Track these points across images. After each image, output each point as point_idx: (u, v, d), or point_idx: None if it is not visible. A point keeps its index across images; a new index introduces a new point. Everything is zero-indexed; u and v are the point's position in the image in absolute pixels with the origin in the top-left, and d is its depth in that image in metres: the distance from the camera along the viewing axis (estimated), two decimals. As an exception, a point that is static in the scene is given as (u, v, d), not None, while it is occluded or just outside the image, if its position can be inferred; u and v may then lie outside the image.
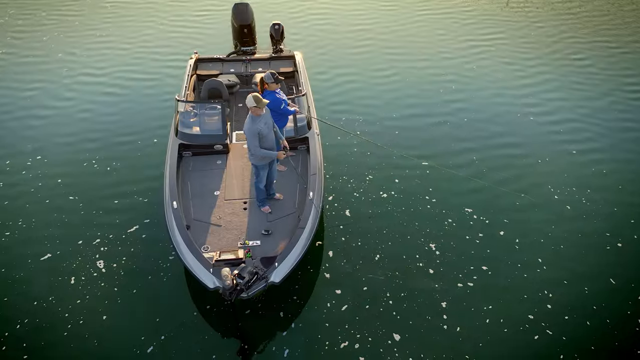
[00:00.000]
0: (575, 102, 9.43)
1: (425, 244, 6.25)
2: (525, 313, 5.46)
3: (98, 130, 8.42)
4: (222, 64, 8.68)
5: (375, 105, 9.14)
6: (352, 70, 10.32)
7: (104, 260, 5.98)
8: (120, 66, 10.46)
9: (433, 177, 7.37)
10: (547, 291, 5.71)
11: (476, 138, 8.32)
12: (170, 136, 6.77)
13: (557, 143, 8.23)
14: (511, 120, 8.84)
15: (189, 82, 7.70)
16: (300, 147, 6.77)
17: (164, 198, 5.79)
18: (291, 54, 8.88)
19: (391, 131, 8.43)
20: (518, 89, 9.82)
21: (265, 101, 5.30)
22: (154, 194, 6.97)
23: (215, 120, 6.63)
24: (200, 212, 5.77)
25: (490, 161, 7.78)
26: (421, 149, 7.99)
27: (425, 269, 5.92)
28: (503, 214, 6.75)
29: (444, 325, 5.31)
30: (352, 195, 7.02)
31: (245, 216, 5.72)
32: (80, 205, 6.81)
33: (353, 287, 5.66)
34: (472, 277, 5.84)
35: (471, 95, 9.54)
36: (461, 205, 6.86)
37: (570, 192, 7.17)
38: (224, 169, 6.41)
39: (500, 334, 5.24)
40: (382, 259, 6.03)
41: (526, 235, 6.44)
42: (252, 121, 5.32)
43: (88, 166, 7.60)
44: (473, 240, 6.32)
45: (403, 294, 5.61)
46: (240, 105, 8.04)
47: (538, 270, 5.98)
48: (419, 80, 10.04)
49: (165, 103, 9.19)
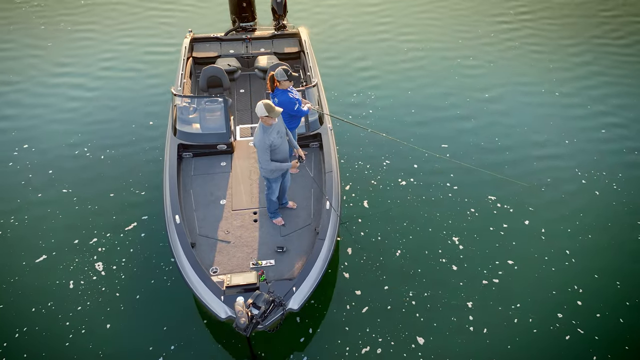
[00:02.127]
0: (602, 87, 8.86)
1: (447, 237, 5.87)
2: (554, 311, 5.16)
3: (91, 124, 7.81)
4: (219, 44, 7.84)
5: (391, 96, 8.36)
6: (364, 53, 9.36)
7: (103, 262, 5.57)
8: (111, 59, 9.64)
9: (453, 166, 6.91)
10: (577, 286, 5.40)
11: (500, 134, 7.80)
12: (168, 135, 6.03)
13: (583, 130, 7.74)
14: (532, 112, 8.29)
15: (184, 67, 6.94)
16: (312, 145, 6.09)
17: (164, 209, 5.16)
18: (296, 30, 8.05)
19: (408, 124, 7.83)
20: (538, 84, 9.19)
21: (278, 110, 4.56)
22: (150, 188, 6.48)
23: (218, 116, 5.90)
24: (205, 226, 5.13)
25: (513, 151, 7.31)
26: (442, 144, 7.47)
27: (449, 265, 5.57)
28: (527, 202, 6.35)
29: (469, 326, 5.01)
30: (369, 183, 6.57)
31: (255, 230, 5.08)
32: (74, 199, 6.33)
33: (374, 287, 5.32)
34: (497, 273, 5.51)
35: (494, 85, 8.90)
36: (483, 194, 6.44)
37: (600, 177, 6.74)
38: (230, 172, 5.72)
39: (529, 334, 4.96)
40: (403, 254, 5.66)
41: (552, 224, 6.07)
42: (263, 132, 4.60)
43: (80, 159, 7.06)
44: (497, 232, 5.95)
45: (426, 293, 5.28)
46: (242, 91, 7.33)
47: (566, 263, 5.65)
48: (441, 69, 8.98)
49: (159, 90, 8.53)
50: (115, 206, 6.23)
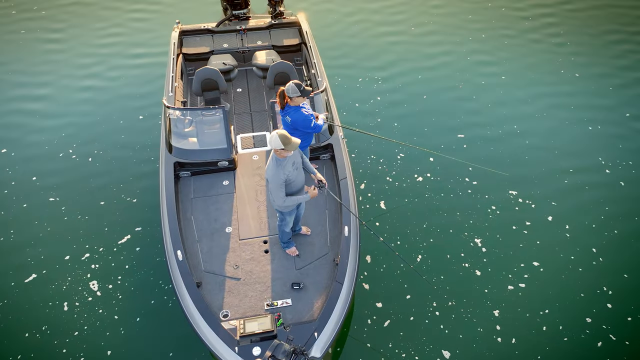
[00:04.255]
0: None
1: (469, 239, 5.52)
2: (583, 315, 4.90)
3: (76, 125, 7.16)
4: (211, 37, 7.01)
5: (406, 94, 7.77)
6: (370, 50, 8.50)
7: (98, 280, 5.11)
8: (96, 66, 8.80)
9: (470, 161, 6.50)
10: (606, 287, 5.13)
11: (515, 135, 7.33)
12: (162, 152, 5.31)
13: (605, 118, 7.33)
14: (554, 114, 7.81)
15: (174, 67, 6.11)
16: (323, 157, 5.46)
17: (163, 242, 4.56)
18: (295, 19, 7.23)
19: (420, 126, 7.34)
20: (556, 85, 8.65)
21: (296, 141, 3.85)
22: (142, 194, 5.95)
23: (217, 129, 5.25)
24: (211, 260, 4.54)
25: (534, 139, 6.90)
26: (457, 147, 7.01)
27: (472, 270, 5.24)
28: (549, 195, 6.00)
29: (497, 337, 4.73)
30: (384, 180, 6.13)
31: (267, 263, 4.50)
32: (62, 209, 5.79)
33: (395, 297, 4.98)
34: (523, 277, 5.20)
35: (513, 87, 8.37)
36: (504, 190, 6.06)
37: (626, 167, 6.38)
38: (234, 193, 5.09)
39: (559, 343, 4.70)
40: (424, 260, 5.30)
41: (577, 218, 5.74)
42: (276, 166, 3.92)
43: (66, 163, 6.47)
44: (520, 231, 5.61)
45: (450, 302, 4.96)
46: (240, 90, 6.58)
47: (593, 262, 5.36)
48: (462, 69, 8.18)
49: (145, 85, 7.84)
50: (107, 216, 5.72)
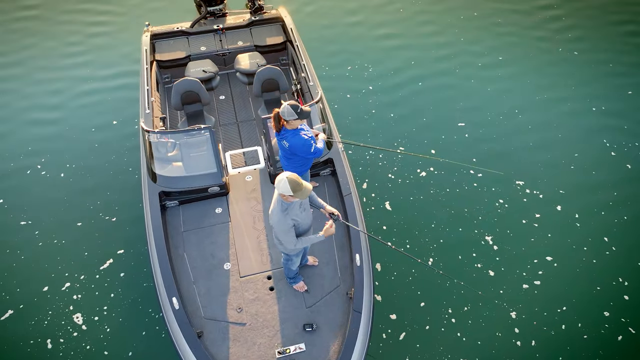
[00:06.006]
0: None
1: (480, 236, 5.25)
2: (601, 309, 4.73)
3: (47, 139, 6.50)
4: (187, 39, 6.29)
5: (404, 101, 7.18)
6: (359, 47, 7.58)
7: (82, 312, 4.63)
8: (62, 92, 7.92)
9: (475, 154, 6.18)
10: (621, 278, 4.96)
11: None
12: (144, 181, 4.69)
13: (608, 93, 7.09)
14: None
15: (149, 79, 5.41)
16: (323, 173, 4.96)
17: (156, 288, 4.02)
18: (277, 14, 6.51)
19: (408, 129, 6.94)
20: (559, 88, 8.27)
21: (308, 187, 3.36)
22: (121, 212, 5.41)
23: (204, 151, 4.66)
24: (211, 304, 4.00)
25: (540, 130, 6.62)
26: (457, 147, 6.66)
27: (485, 270, 4.98)
28: (556, 183, 5.76)
29: (516, 340, 4.51)
30: (386, 177, 5.77)
31: (274, 303, 4.00)
32: (35, 233, 5.23)
33: (409, 306, 4.69)
34: (537, 274, 4.98)
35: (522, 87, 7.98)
36: (510, 180, 5.78)
37: (632, 149, 6.16)
38: (229, 222, 4.55)
39: (579, 341, 4.52)
40: (436, 263, 5.01)
41: (585, 206, 5.53)
42: (281, 211, 3.42)
43: (36, 179, 5.86)
44: (530, 224, 5.36)
45: (466, 307, 4.71)
46: (223, 97, 5.93)
47: (606, 252, 5.17)
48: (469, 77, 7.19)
49: (119, 79, 7.18)
50: (85, 239, 5.18)
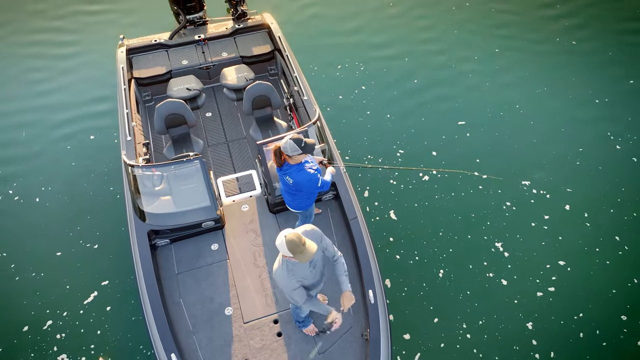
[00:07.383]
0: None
1: (489, 243, 4.99)
2: (618, 313, 4.55)
3: (18, 160, 5.97)
4: (166, 52, 5.78)
5: (401, 111, 6.55)
6: (349, 55, 6.97)
7: (67, 353, 4.23)
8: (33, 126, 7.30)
9: (478, 154, 5.90)
10: (636, 279, 4.79)
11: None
12: (130, 219, 4.16)
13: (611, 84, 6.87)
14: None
15: (128, 100, 4.89)
16: (325, 198, 4.55)
17: (151, 341, 3.57)
18: (262, 20, 6.03)
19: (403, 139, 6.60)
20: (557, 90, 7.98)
21: (312, 249, 2.86)
22: (103, 238, 4.98)
23: (195, 182, 4.18)
24: (214, 357, 3.58)
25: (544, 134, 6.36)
26: (457, 147, 6.35)
27: (497, 280, 4.74)
28: (563, 181, 5.54)
29: (535, 353, 4.30)
30: (388, 183, 5.45)
31: (283, 350, 3.63)
32: (11, 266, 4.76)
33: (422, 324, 4.42)
34: (551, 279, 4.76)
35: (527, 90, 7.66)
36: (516, 181, 5.53)
37: (637, 141, 5.96)
38: (227, 260, 4.13)
39: (599, 348, 4.33)
40: (447, 275, 4.74)
41: (594, 204, 5.33)
42: (287, 272, 3.02)
43: (11, 208, 5.37)
44: (540, 227, 5.13)
45: (481, 321, 4.46)
46: (209, 114, 5.47)
47: (619, 252, 4.99)
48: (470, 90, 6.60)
49: (95, 85, 6.66)
50: (66, 270, 4.75)
